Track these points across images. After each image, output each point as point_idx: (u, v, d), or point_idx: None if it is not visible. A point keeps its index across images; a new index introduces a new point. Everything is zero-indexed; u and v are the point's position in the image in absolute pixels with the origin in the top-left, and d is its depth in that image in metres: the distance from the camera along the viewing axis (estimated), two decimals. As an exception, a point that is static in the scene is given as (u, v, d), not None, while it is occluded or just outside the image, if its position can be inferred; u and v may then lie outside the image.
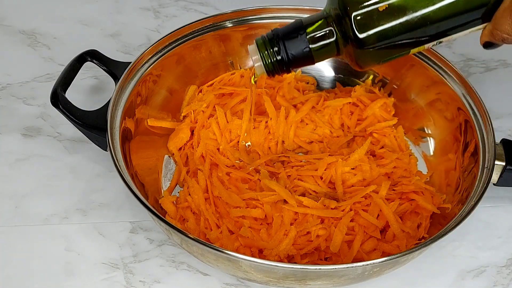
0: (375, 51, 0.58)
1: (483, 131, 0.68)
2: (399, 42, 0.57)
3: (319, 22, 0.59)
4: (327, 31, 0.58)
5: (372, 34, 0.56)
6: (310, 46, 0.59)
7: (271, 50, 0.60)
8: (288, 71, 0.61)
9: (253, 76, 0.66)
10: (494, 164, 0.65)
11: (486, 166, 0.65)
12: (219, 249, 0.57)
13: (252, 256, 0.62)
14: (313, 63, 0.61)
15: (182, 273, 0.65)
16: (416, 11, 0.55)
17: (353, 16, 0.56)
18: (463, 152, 0.70)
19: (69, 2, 0.93)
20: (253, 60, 0.61)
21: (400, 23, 0.56)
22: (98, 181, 0.72)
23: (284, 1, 0.77)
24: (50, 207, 0.70)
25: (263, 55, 0.61)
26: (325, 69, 0.80)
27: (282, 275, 0.58)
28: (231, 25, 0.77)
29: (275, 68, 0.61)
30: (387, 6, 0.56)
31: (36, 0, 0.93)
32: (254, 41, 0.61)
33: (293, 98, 0.77)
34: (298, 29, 0.59)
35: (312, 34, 0.59)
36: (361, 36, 0.56)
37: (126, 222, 0.69)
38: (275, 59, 0.60)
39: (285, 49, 0.60)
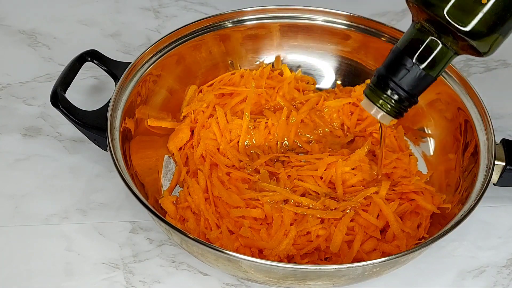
0: (491, 33, 0.52)
1: (483, 131, 0.68)
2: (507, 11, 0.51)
3: (418, 38, 0.53)
4: (434, 43, 0.53)
5: (477, 21, 0.51)
6: (422, 67, 0.53)
7: (385, 96, 0.55)
8: (416, 102, 0.56)
9: (380, 125, 0.62)
10: (494, 164, 0.65)
11: (486, 166, 0.65)
12: (219, 249, 0.57)
13: (252, 256, 0.62)
14: (435, 79, 0.56)
15: (182, 273, 0.65)
16: None
17: (446, 14, 0.51)
18: (463, 152, 0.70)
19: (69, 2, 0.93)
20: (373, 114, 0.57)
21: None
22: (98, 181, 0.72)
23: (284, 1, 0.77)
24: (50, 207, 0.70)
25: (380, 105, 0.56)
26: (325, 69, 0.80)
27: (282, 275, 0.58)
28: (231, 25, 0.77)
29: (400, 109, 0.56)
30: None
31: (36, 0, 0.93)
32: (363, 94, 0.57)
33: (293, 98, 0.77)
34: (400, 58, 0.54)
35: (418, 56, 0.53)
36: (467, 28, 0.51)
37: (126, 222, 0.69)
38: (393, 102, 0.55)
39: (399, 86, 0.54)
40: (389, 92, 0.55)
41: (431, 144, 0.75)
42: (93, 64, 0.73)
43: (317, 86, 0.80)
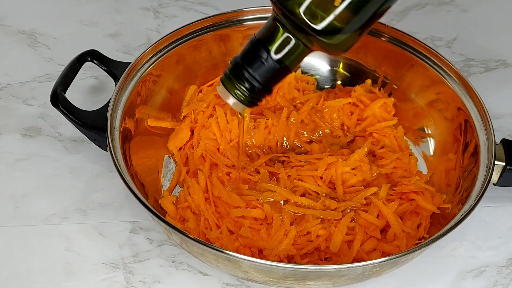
0: (342, 34, 0.52)
1: (483, 131, 0.68)
2: (361, 10, 0.51)
3: (276, 32, 0.53)
4: (289, 38, 0.53)
5: (329, 21, 0.51)
6: (277, 60, 0.54)
7: (239, 85, 0.55)
8: (270, 92, 0.57)
9: (239, 114, 0.62)
10: (494, 164, 0.65)
11: (486, 166, 0.65)
12: (219, 249, 0.57)
13: (252, 256, 0.62)
14: (290, 72, 0.56)
15: (182, 273, 0.65)
16: None
17: (302, 13, 0.51)
18: (463, 152, 0.70)
19: (69, 2, 0.93)
20: (228, 102, 0.57)
21: None
22: (98, 181, 0.72)
23: (284, 1, 0.77)
24: (50, 207, 0.70)
25: (235, 94, 0.56)
26: (325, 69, 0.80)
27: (282, 275, 0.58)
28: (231, 25, 0.77)
29: (253, 99, 0.56)
30: None
31: (36, 0, 0.93)
32: (220, 81, 0.57)
33: (293, 98, 0.77)
34: (256, 49, 0.54)
35: (275, 48, 0.53)
36: (319, 27, 0.51)
37: (126, 222, 0.69)
38: (247, 92, 0.55)
39: (253, 77, 0.54)
40: (244, 81, 0.55)
41: (431, 144, 0.75)
42: (93, 64, 0.73)
43: (317, 86, 0.80)
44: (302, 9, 0.51)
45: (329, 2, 0.51)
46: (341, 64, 0.80)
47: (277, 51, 0.54)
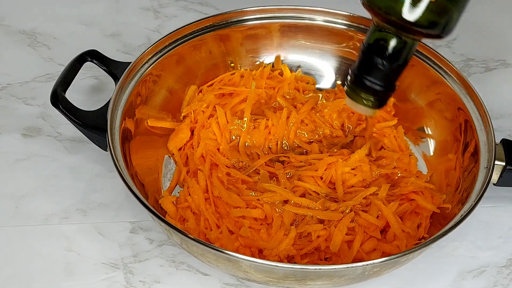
0: (442, 23, 0.56)
1: (483, 131, 0.68)
2: None
3: (384, 38, 0.57)
4: (398, 40, 0.57)
5: (429, 16, 0.55)
6: (393, 63, 0.57)
7: (365, 94, 0.59)
8: (395, 90, 0.60)
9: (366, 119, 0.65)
10: (494, 164, 0.65)
11: (486, 166, 0.65)
12: (219, 249, 0.57)
13: (252, 256, 0.62)
14: (407, 64, 0.59)
15: (182, 273, 0.66)
16: None
17: (404, 15, 0.55)
18: (463, 152, 0.70)
19: (69, 2, 0.93)
20: (359, 111, 0.61)
21: None
22: (98, 181, 0.72)
23: (284, 1, 0.77)
24: (50, 207, 0.70)
25: (363, 102, 0.60)
26: (325, 69, 0.80)
27: (282, 275, 0.58)
28: (231, 25, 0.77)
29: (381, 101, 0.60)
30: None
31: (36, 0, 0.93)
32: (345, 94, 0.61)
33: (293, 98, 0.77)
34: (370, 58, 0.58)
35: (388, 53, 0.57)
36: (421, 23, 0.55)
37: (126, 222, 0.69)
38: (373, 97, 0.59)
39: (375, 83, 0.58)
40: (368, 89, 0.58)
41: (431, 144, 0.75)
42: (93, 64, 0.73)
43: (317, 86, 0.80)
44: (399, 10, 0.55)
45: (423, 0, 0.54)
46: (341, 64, 0.80)
47: (390, 54, 0.57)
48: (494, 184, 0.67)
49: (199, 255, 0.61)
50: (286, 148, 0.73)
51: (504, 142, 0.68)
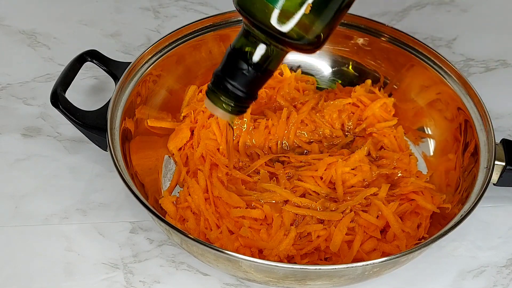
0: (311, 34, 0.53)
1: (483, 131, 0.68)
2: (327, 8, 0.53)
3: (251, 42, 0.54)
4: (265, 46, 0.54)
5: (297, 25, 0.52)
6: (258, 70, 0.55)
7: (225, 97, 0.56)
8: (256, 98, 0.58)
9: (228, 123, 0.62)
10: (494, 164, 0.65)
11: (486, 166, 0.65)
12: (219, 249, 0.57)
13: (252, 256, 0.62)
14: (272, 74, 0.57)
15: (182, 273, 0.66)
16: None
17: (271, 21, 0.52)
18: (463, 152, 0.70)
19: (69, 2, 0.93)
20: (216, 114, 0.58)
21: None
22: (98, 181, 0.72)
23: (284, 1, 0.77)
24: (50, 207, 0.70)
25: (221, 106, 0.57)
26: (325, 69, 0.80)
27: (282, 275, 0.58)
28: (231, 25, 0.77)
29: (240, 107, 0.57)
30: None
31: (36, 0, 0.93)
32: (205, 95, 0.58)
33: (293, 98, 0.77)
34: (235, 61, 0.55)
35: (254, 58, 0.54)
36: (287, 32, 0.52)
37: (126, 222, 0.69)
38: (233, 103, 0.56)
39: (237, 88, 0.55)
40: (229, 93, 0.56)
41: (431, 144, 0.75)
42: (93, 64, 0.73)
43: (317, 86, 0.80)
44: (270, 18, 0.52)
45: (294, 8, 0.52)
46: (341, 64, 0.80)
47: (256, 61, 0.55)
48: (494, 184, 0.67)
49: (199, 255, 0.61)
50: (286, 148, 0.73)
51: (504, 142, 0.68)
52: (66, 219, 0.69)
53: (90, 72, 0.82)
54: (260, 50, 0.55)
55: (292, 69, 0.80)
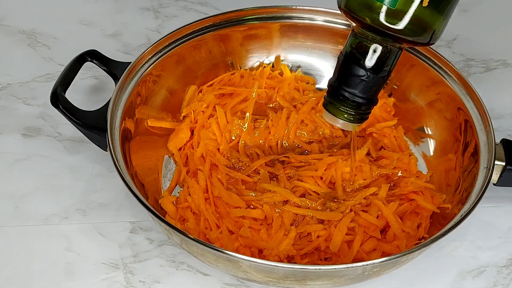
0: (427, 27, 0.52)
1: (483, 131, 0.68)
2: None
3: (365, 46, 0.53)
4: (380, 47, 0.53)
5: (410, 20, 0.51)
6: (376, 73, 0.53)
7: (345, 107, 0.55)
8: (376, 103, 0.57)
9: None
10: (494, 164, 0.65)
11: (486, 166, 0.65)
12: (219, 249, 0.57)
13: (252, 256, 0.62)
14: (390, 75, 0.56)
15: (182, 273, 0.66)
16: None
17: (383, 20, 0.52)
18: (463, 152, 0.70)
19: (69, 2, 0.93)
20: (338, 126, 0.57)
21: None
22: (98, 181, 0.72)
23: (284, 1, 0.77)
24: (50, 207, 0.70)
25: (343, 117, 0.56)
26: (325, 69, 0.80)
27: (282, 275, 0.58)
28: (231, 25, 0.77)
29: (362, 115, 0.56)
30: None
31: (36, 0, 0.93)
32: (324, 108, 0.57)
33: (293, 98, 0.77)
34: (351, 68, 0.54)
35: (371, 62, 0.53)
36: (400, 27, 0.51)
37: (126, 222, 0.69)
38: (354, 111, 0.55)
39: (356, 96, 0.54)
40: (349, 102, 0.55)
41: (431, 144, 0.75)
42: (93, 64, 0.73)
43: (317, 86, 0.80)
44: (382, 17, 0.51)
45: (410, 3, 0.51)
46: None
47: (374, 64, 0.54)
48: (494, 184, 0.68)
49: (199, 255, 0.61)
50: (286, 147, 0.73)
51: (504, 142, 0.68)
52: (66, 219, 0.69)
53: (90, 72, 0.82)
54: (376, 53, 0.54)
55: (292, 69, 0.80)
